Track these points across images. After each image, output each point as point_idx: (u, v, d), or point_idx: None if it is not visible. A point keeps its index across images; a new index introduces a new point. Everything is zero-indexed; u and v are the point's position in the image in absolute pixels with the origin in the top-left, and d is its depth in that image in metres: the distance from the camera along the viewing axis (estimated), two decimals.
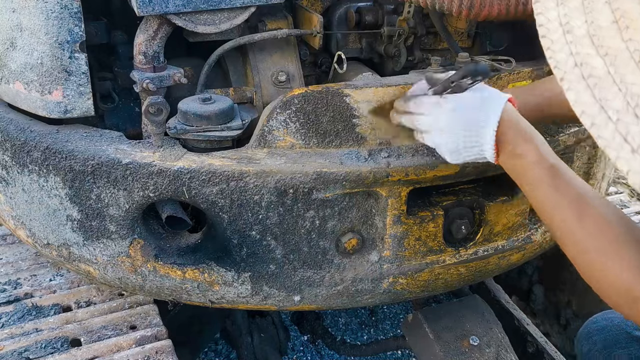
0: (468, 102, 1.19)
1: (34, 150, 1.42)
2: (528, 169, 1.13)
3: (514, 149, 1.14)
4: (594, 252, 1.02)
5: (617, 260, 1.00)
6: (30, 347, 1.53)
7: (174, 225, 1.42)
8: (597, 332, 1.50)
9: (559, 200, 1.08)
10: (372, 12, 1.76)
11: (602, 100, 0.63)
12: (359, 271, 1.51)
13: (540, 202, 1.12)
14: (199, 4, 1.36)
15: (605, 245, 1.02)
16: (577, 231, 1.05)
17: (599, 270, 1.02)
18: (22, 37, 1.40)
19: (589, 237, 1.03)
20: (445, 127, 1.20)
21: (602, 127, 0.63)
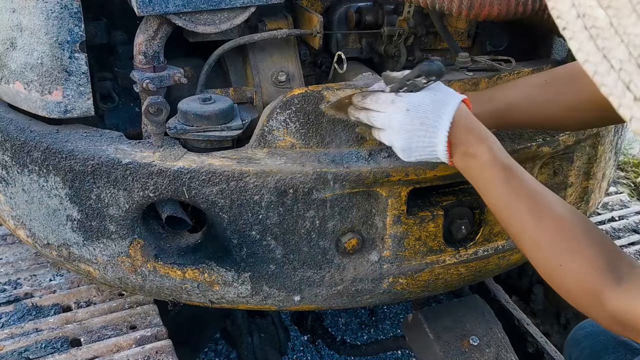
0: (422, 101, 1.18)
1: (34, 150, 1.42)
2: (482, 170, 1.13)
3: (467, 149, 1.14)
4: (553, 253, 1.02)
5: (578, 261, 0.99)
6: (30, 347, 1.53)
7: (174, 225, 1.42)
8: (584, 338, 1.49)
9: (514, 201, 1.08)
10: (372, 12, 1.76)
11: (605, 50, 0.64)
12: (359, 271, 1.51)
13: (495, 203, 1.12)
14: (199, 4, 1.36)
15: (564, 246, 1.02)
16: (534, 232, 1.05)
17: (559, 271, 1.02)
18: (22, 37, 1.40)
19: (547, 237, 1.03)
20: (398, 126, 1.19)
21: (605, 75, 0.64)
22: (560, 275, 1.02)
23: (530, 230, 1.06)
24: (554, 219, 1.04)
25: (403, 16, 1.71)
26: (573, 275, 1.00)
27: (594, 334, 1.48)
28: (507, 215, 1.10)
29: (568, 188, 1.72)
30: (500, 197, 1.10)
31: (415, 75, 1.17)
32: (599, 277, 0.97)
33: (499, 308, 2.19)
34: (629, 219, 2.39)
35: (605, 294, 0.96)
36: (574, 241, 1.01)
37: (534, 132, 1.55)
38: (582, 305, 1.02)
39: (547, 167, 1.65)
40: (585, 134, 1.65)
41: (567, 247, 1.01)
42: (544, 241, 1.04)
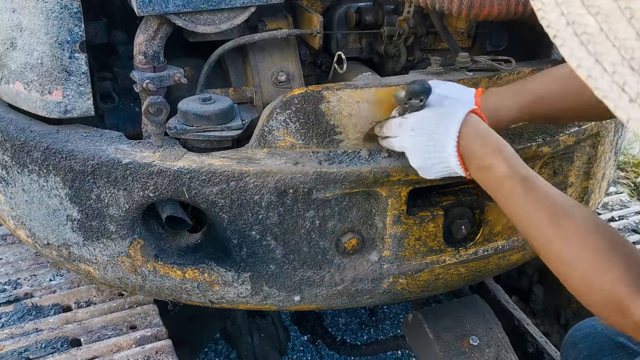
0: (425, 117, 1.19)
1: (34, 150, 1.42)
2: (500, 182, 1.11)
3: (483, 161, 1.12)
4: (576, 264, 1.01)
5: (601, 271, 0.98)
6: (30, 347, 1.53)
7: (174, 225, 1.42)
8: (581, 340, 1.49)
9: (534, 212, 1.06)
10: (372, 12, 1.76)
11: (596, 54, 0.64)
12: (359, 271, 1.51)
13: (515, 215, 1.11)
14: (199, 4, 1.36)
15: (587, 256, 1.00)
16: (556, 243, 1.04)
17: (582, 281, 1.01)
18: (22, 37, 1.40)
19: (569, 248, 1.02)
20: (410, 147, 1.21)
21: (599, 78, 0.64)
22: (586, 289, 1.01)
23: (552, 244, 1.04)
24: (576, 233, 1.02)
25: (403, 16, 1.71)
26: (599, 291, 0.99)
27: (591, 336, 1.47)
28: (529, 228, 1.08)
29: (568, 188, 1.72)
30: (520, 211, 1.09)
31: (407, 98, 1.21)
32: (625, 290, 0.96)
33: (499, 308, 2.19)
34: (629, 219, 2.39)
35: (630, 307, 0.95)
36: (600, 257, 1.00)
37: (534, 132, 1.55)
38: (608, 317, 1.01)
39: (547, 167, 1.65)
40: (586, 134, 1.65)
41: (593, 264, 1.00)
42: (567, 256, 1.03)
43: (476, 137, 1.14)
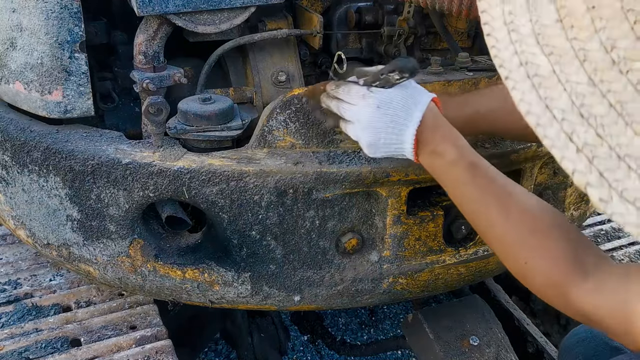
0: (393, 98, 1.17)
1: (34, 150, 1.42)
2: (448, 168, 1.12)
3: (434, 148, 1.13)
4: (518, 249, 1.02)
5: (543, 257, 0.99)
6: (30, 347, 1.53)
7: (174, 225, 1.42)
8: (577, 345, 1.49)
9: (480, 197, 1.07)
10: (372, 12, 1.76)
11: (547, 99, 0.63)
12: (359, 271, 1.51)
13: (461, 201, 1.12)
14: (199, 4, 1.36)
15: (529, 242, 1.01)
16: (500, 226, 1.04)
17: (525, 267, 1.01)
18: (22, 37, 1.40)
19: (512, 233, 1.03)
20: (367, 122, 1.18)
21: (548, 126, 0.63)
22: (527, 271, 1.01)
23: (496, 227, 1.05)
24: (520, 215, 1.03)
25: (403, 16, 1.71)
26: (539, 271, 0.99)
27: (587, 340, 1.47)
28: (474, 213, 1.09)
29: (568, 188, 1.72)
30: (467, 195, 1.10)
31: (389, 70, 1.17)
32: (565, 272, 0.96)
33: (499, 308, 2.19)
34: None
35: (571, 290, 0.95)
36: (538, 236, 1.01)
37: None
38: (550, 300, 1.01)
39: (547, 167, 1.65)
40: None
41: (532, 243, 1.00)
42: (510, 238, 1.03)
43: (433, 124, 1.15)
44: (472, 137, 1.47)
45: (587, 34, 0.61)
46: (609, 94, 0.60)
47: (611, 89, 0.60)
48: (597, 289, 0.94)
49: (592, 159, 0.61)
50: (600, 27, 0.60)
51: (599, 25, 0.60)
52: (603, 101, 0.60)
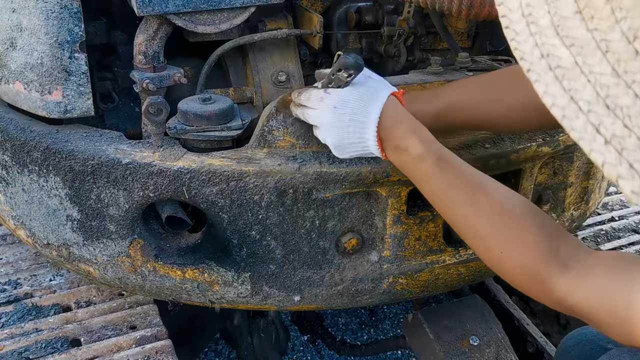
0: (348, 97, 1.17)
1: (34, 150, 1.42)
2: (415, 164, 1.11)
3: (399, 143, 1.12)
4: (493, 241, 1.01)
5: (518, 248, 0.98)
6: (30, 347, 1.53)
7: (174, 225, 1.42)
8: (572, 348, 1.49)
9: (449, 191, 1.07)
10: (372, 12, 1.76)
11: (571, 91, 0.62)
12: (359, 271, 1.51)
13: (432, 196, 1.11)
14: (199, 4, 1.36)
15: (503, 233, 1.00)
16: (472, 218, 1.04)
17: (501, 259, 1.00)
18: (22, 37, 1.40)
19: (485, 225, 1.02)
20: (328, 124, 1.18)
21: (574, 118, 0.62)
22: (503, 263, 1.01)
23: (469, 220, 1.04)
24: (491, 207, 1.02)
25: (403, 16, 1.71)
26: (515, 263, 0.98)
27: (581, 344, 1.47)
28: (445, 207, 1.09)
29: (568, 188, 1.72)
30: (436, 190, 1.09)
31: (337, 69, 1.16)
32: (541, 263, 0.95)
33: (499, 308, 2.19)
34: (629, 219, 2.39)
35: (550, 281, 0.94)
36: (513, 227, 1.00)
37: (534, 132, 1.55)
38: (529, 291, 1.01)
39: (547, 167, 1.65)
40: None
41: (506, 234, 1.00)
42: (483, 230, 1.02)
43: (394, 119, 1.14)
44: (472, 137, 1.47)
45: (608, 25, 0.61)
46: (634, 84, 0.59)
47: (636, 80, 0.59)
48: (580, 280, 0.93)
49: (621, 151, 0.60)
50: (621, 18, 0.60)
51: (619, 16, 0.60)
52: (628, 92, 0.60)
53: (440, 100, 1.28)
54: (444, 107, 1.28)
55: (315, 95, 1.22)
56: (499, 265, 1.02)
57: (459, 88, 1.32)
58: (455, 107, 1.28)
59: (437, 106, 1.28)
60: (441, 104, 1.28)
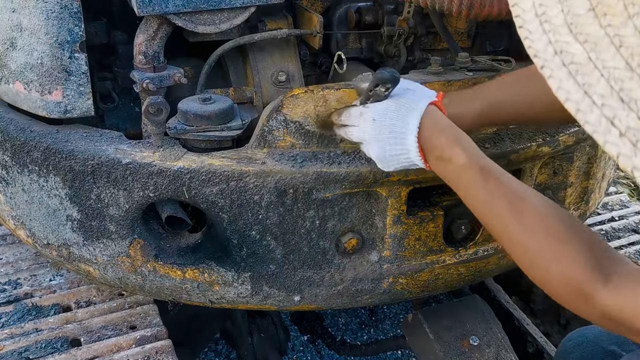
0: (387, 109, 1.18)
1: (34, 150, 1.42)
2: (458, 173, 1.11)
3: (442, 153, 1.12)
4: (537, 251, 1.01)
5: (563, 262, 0.98)
6: (30, 347, 1.53)
7: (174, 225, 1.42)
8: (573, 350, 1.49)
9: (493, 202, 1.06)
10: (372, 12, 1.76)
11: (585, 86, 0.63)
12: (359, 271, 1.51)
13: (475, 205, 1.11)
14: (199, 4, 1.36)
15: (547, 243, 1.00)
16: (516, 231, 1.03)
17: (543, 268, 1.00)
18: (22, 37, 1.40)
19: (529, 235, 1.02)
20: (370, 137, 1.19)
21: (588, 112, 0.63)
22: (547, 277, 1.00)
23: (512, 232, 1.04)
24: (535, 220, 1.02)
25: (403, 16, 1.71)
26: (560, 277, 0.98)
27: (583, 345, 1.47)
28: (488, 217, 1.08)
29: (568, 188, 1.72)
30: (479, 200, 1.09)
31: (374, 85, 1.18)
32: (586, 277, 0.95)
33: (499, 308, 2.19)
34: (629, 219, 2.39)
35: (594, 294, 0.94)
36: (557, 242, 1.00)
37: (534, 132, 1.55)
38: (572, 305, 1.01)
39: (547, 167, 1.65)
40: (586, 134, 1.64)
41: (551, 249, 0.99)
42: (527, 243, 1.02)
43: (435, 129, 1.14)
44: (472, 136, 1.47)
45: (621, 20, 0.62)
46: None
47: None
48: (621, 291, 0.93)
49: (635, 142, 0.61)
50: (633, 13, 0.61)
51: (632, 11, 0.61)
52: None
53: (481, 101, 1.28)
54: (486, 107, 1.27)
55: (354, 112, 1.23)
56: (542, 278, 1.02)
57: (499, 86, 1.32)
58: (497, 106, 1.27)
59: (478, 107, 1.27)
60: (483, 104, 1.27)
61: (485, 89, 1.34)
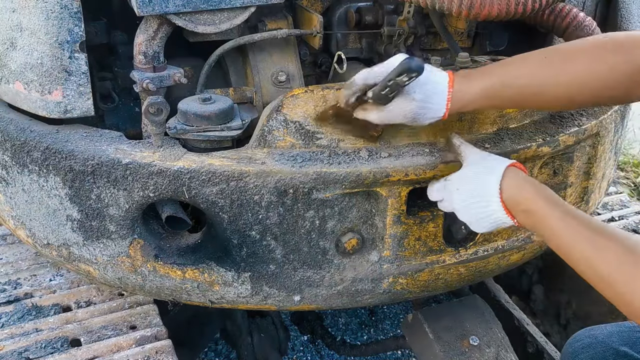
0: (466, 176, 1.27)
1: (34, 150, 1.42)
2: (542, 223, 1.17)
3: (526, 208, 1.19)
4: (622, 284, 1.04)
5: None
6: (30, 347, 1.53)
7: (174, 225, 1.42)
8: (582, 351, 1.49)
9: (576, 244, 1.11)
10: (372, 12, 1.76)
11: None
12: (359, 271, 1.51)
13: (561, 249, 1.15)
14: (199, 4, 1.36)
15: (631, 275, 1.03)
16: (600, 267, 1.07)
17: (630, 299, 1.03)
18: (22, 37, 1.40)
19: (613, 270, 1.05)
20: (459, 206, 1.28)
21: None
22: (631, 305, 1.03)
23: (599, 270, 1.08)
24: (617, 252, 1.06)
25: (403, 16, 1.71)
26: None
27: (592, 346, 1.47)
28: (576, 260, 1.12)
29: (568, 188, 1.72)
30: (564, 245, 1.14)
31: (397, 74, 1.16)
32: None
33: (499, 308, 2.19)
34: (629, 219, 2.40)
35: None
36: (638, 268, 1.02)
37: (534, 132, 1.55)
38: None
39: (547, 167, 1.65)
40: (586, 134, 1.65)
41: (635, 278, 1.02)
42: (613, 275, 1.05)
43: (518, 186, 1.21)
44: (472, 137, 1.47)
45: None
46: None
47: None
48: None
49: None
50: None
51: None
52: None
53: (490, 78, 1.27)
54: (496, 84, 1.27)
55: (437, 187, 1.34)
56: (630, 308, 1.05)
57: (510, 65, 1.31)
58: (507, 84, 1.27)
59: (487, 83, 1.27)
60: (492, 81, 1.27)
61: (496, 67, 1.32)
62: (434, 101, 1.25)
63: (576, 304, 2.31)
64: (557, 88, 1.24)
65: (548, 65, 1.25)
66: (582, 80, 1.22)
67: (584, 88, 1.23)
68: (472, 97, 1.25)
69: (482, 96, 1.26)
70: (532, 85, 1.26)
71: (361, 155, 1.38)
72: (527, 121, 1.57)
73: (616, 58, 1.20)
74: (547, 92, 1.26)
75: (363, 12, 1.76)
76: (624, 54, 1.19)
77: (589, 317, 2.24)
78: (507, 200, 1.21)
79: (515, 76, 1.27)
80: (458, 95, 1.25)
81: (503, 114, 1.52)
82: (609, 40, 1.24)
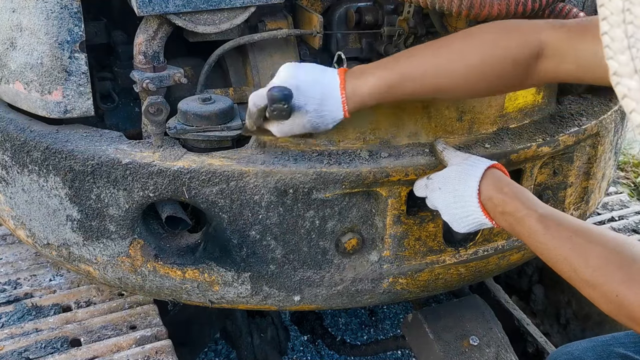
0: (449, 176, 1.28)
1: (34, 150, 1.42)
2: (521, 224, 1.17)
3: (503, 209, 1.20)
4: (607, 287, 1.03)
5: (634, 289, 1.00)
6: (30, 347, 1.53)
7: (174, 225, 1.42)
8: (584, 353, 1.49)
9: (555, 245, 1.11)
10: (372, 12, 1.76)
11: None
12: (359, 271, 1.51)
13: (540, 251, 1.16)
14: (199, 4, 1.36)
15: (616, 277, 1.02)
16: (582, 269, 1.07)
17: (618, 303, 1.02)
18: (22, 37, 1.40)
19: (595, 273, 1.05)
20: (440, 204, 1.30)
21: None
22: (621, 306, 1.02)
23: (579, 271, 1.07)
24: (599, 253, 1.05)
25: (403, 16, 1.71)
26: (634, 303, 1.00)
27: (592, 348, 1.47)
28: (555, 261, 1.12)
29: (568, 188, 1.72)
30: (543, 245, 1.14)
31: (270, 104, 1.18)
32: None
33: (499, 308, 2.19)
34: (629, 219, 2.40)
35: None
36: (624, 270, 1.02)
37: (534, 132, 1.55)
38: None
39: (547, 167, 1.65)
40: (585, 134, 1.65)
41: (619, 278, 1.02)
42: (595, 277, 1.05)
43: (496, 188, 1.22)
44: (472, 137, 1.47)
45: None
46: None
47: None
48: None
49: None
50: None
51: None
52: None
53: (388, 72, 1.25)
54: (395, 78, 1.24)
55: (419, 184, 1.37)
56: (617, 310, 1.04)
57: (409, 57, 1.28)
58: (407, 77, 1.24)
59: (385, 78, 1.24)
60: (391, 76, 1.24)
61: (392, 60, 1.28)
62: (329, 106, 1.23)
63: (576, 304, 2.31)
64: (456, 77, 1.23)
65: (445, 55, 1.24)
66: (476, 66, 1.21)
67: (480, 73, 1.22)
68: (369, 93, 1.22)
69: (381, 91, 1.23)
70: (430, 76, 1.24)
71: (361, 155, 1.38)
72: (527, 121, 1.57)
73: (510, 42, 1.21)
74: (446, 82, 1.25)
75: (363, 12, 1.76)
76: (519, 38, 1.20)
77: (588, 317, 2.24)
78: (485, 202, 1.22)
79: (414, 68, 1.25)
80: (353, 94, 1.23)
81: (503, 114, 1.52)
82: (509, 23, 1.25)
